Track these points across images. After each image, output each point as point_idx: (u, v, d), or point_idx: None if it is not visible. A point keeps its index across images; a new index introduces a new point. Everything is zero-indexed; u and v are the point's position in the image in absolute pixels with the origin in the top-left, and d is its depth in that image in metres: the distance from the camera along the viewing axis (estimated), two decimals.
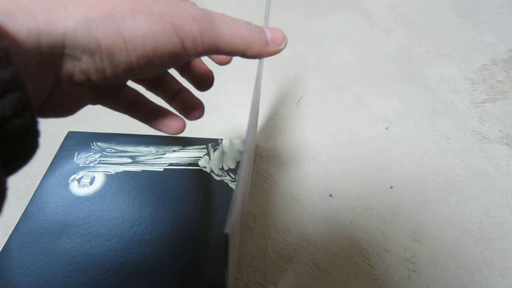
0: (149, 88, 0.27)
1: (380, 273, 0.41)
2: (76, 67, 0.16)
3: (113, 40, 0.15)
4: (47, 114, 0.19)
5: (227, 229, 0.13)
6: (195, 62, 0.27)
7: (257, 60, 0.22)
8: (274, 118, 0.57)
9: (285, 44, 0.22)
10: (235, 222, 0.15)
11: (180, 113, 0.28)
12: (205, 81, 0.28)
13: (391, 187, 0.48)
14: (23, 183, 0.48)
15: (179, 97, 0.27)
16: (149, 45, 0.16)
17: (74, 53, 0.15)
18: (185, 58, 0.18)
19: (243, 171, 0.17)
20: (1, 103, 0.13)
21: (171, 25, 0.17)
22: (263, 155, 0.52)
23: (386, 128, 0.55)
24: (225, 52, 0.20)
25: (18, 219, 0.39)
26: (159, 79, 0.26)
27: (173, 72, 0.27)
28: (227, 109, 0.57)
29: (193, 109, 0.27)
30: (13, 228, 0.38)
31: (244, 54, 0.21)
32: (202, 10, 0.18)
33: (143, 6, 0.16)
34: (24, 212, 0.40)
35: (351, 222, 0.45)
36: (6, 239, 0.38)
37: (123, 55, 0.16)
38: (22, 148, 0.14)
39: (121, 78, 0.17)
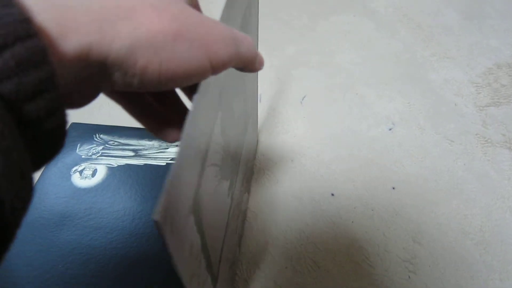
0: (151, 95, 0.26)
1: (379, 273, 0.41)
2: (105, 78, 0.16)
3: (150, 63, 0.16)
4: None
5: (156, 215, 0.12)
6: None
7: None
8: (277, 116, 0.57)
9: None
10: (170, 208, 0.14)
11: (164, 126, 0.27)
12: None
13: (393, 188, 0.48)
14: None
15: (177, 110, 0.27)
16: (182, 69, 0.17)
17: (109, 69, 0.16)
18: (207, 77, 0.19)
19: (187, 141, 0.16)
20: (36, 103, 0.13)
21: (206, 50, 0.17)
22: (265, 152, 0.52)
23: (390, 129, 0.55)
24: (237, 68, 0.22)
25: None
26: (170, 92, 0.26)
27: None
28: None
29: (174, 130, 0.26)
30: None
31: (243, 70, 0.22)
32: (230, 32, 0.19)
33: (185, 29, 0.17)
34: None
35: (352, 221, 0.45)
36: None
37: (155, 75, 0.16)
38: (51, 146, 0.15)
39: (143, 90, 0.17)
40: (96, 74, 0.16)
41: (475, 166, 0.50)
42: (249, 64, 0.22)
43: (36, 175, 0.47)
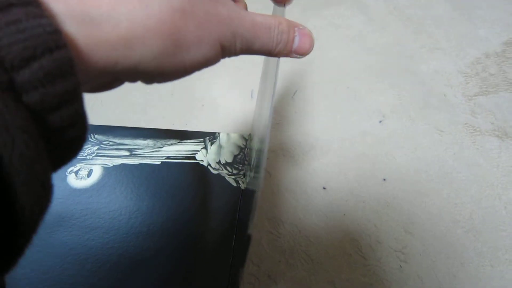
0: None
1: (372, 264, 0.42)
2: (129, 79, 0.17)
3: (176, 70, 0.17)
4: None
5: (250, 230, 0.13)
6: None
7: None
8: None
9: (309, 52, 0.24)
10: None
11: None
12: None
13: (384, 179, 0.49)
14: None
15: None
16: (201, 65, 0.18)
17: (135, 75, 0.16)
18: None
19: (262, 169, 0.17)
20: (61, 114, 0.13)
21: (221, 45, 0.18)
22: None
23: (380, 122, 0.55)
24: (253, 53, 0.22)
25: None
26: None
27: None
28: (223, 103, 0.58)
29: None
30: None
31: (270, 55, 0.23)
32: (243, 16, 0.19)
33: (206, 31, 0.17)
34: None
35: (344, 214, 0.45)
36: None
37: (181, 73, 0.18)
38: (70, 153, 0.15)
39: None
40: (123, 77, 0.17)
41: (465, 155, 0.51)
42: (271, 51, 0.22)
43: None
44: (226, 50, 0.19)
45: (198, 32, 0.17)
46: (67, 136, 0.14)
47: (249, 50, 0.21)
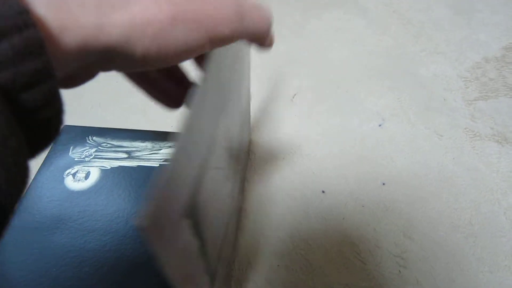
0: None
1: (371, 268, 0.42)
2: (105, 64, 0.17)
3: (148, 49, 0.16)
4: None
5: (141, 221, 0.12)
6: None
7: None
8: (268, 114, 0.57)
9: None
10: (159, 213, 0.14)
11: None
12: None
13: (384, 183, 0.48)
14: None
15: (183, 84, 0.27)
16: (181, 51, 0.17)
17: (109, 57, 0.16)
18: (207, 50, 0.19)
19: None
20: (33, 93, 0.13)
21: (205, 30, 0.17)
22: (256, 150, 0.52)
23: (380, 125, 0.55)
24: (247, 42, 0.21)
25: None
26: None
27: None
28: None
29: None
30: None
31: (252, 44, 0.22)
32: (234, 5, 0.19)
33: (182, 11, 0.17)
34: (18, 206, 0.40)
35: (343, 218, 0.45)
36: None
37: (154, 59, 0.17)
38: (46, 135, 0.15)
39: (143, 70, 0.18)
40: (96, 62, 0.16)
41: (464, 160, 0.51)
42: (257, 39, 0.21)
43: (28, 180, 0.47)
44: (217, 44, 0.19)
45: (171, 13, 0.16)
46: (42, 116, 0.14)
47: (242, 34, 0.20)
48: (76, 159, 0.45)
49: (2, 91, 0.12)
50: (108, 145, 0.47)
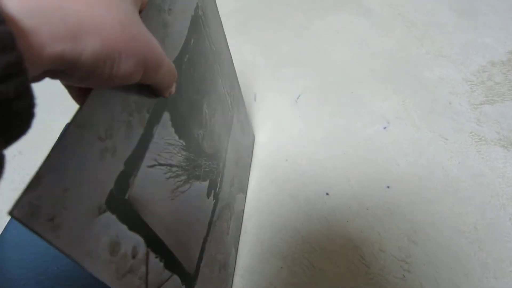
0: None
1: (375, 272, 0.41)
2: (69, 76, 0.19)
3: (104, 73, 0.19)
4: None
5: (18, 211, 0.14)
6: None
7: None
8: (272, 115, 0.57)
9: None
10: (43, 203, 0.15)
11: None
12: None
13: (388, 186, 0.48)
14: (17, 174, 0.48)
15: None
16: (125, 80, 0.20)
17: (73, 71, 0.18)
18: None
19: None
20: (6, 85, 0.14)
21: (144, 66, 0.20)
22: (259, 152, 0.52)
23: (384, 128, 0.55)
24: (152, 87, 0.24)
25: None
26: None
27: None
28: None
29: None
30: (7, 220, 0.38)
31: (157, 92, 0.25)
32: (162, 56, 0.22)
33: (137, 50, 0.20)
34: None
35: (347, 221, 0.45)
36: (1, 231, 0.37)
37: (106, 81, 0.19)
38: (20, 126, 0.16)
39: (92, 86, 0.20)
40: (64, 71, 0.18)
41: (470, 164, 0.50)
42: (160, 89, 0.25)
43: (28, 177, 0.47)
44: (144, 80, 0.22)
45: (130, 45, 0.19)
46: (15, 108, 0.15)
47: (153, 77, 0.23)
48: None
49: None
50: None
